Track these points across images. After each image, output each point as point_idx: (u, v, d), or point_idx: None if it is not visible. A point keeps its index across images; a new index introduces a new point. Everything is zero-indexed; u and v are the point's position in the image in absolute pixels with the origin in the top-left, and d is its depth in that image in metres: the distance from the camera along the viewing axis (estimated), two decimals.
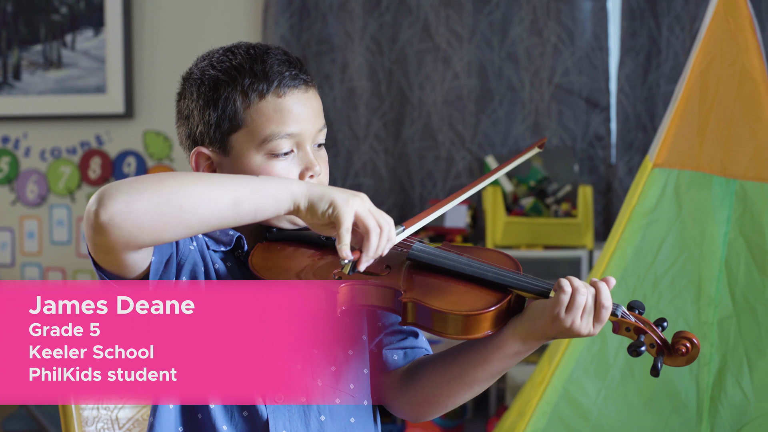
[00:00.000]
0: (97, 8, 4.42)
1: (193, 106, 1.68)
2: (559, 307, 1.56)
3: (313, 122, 1.68)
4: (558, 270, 3.96)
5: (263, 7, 4.33)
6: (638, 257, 2.71)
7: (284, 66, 1.67)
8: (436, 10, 4.24)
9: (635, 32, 4.10)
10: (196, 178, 1.50)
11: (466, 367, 1.66)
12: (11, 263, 4.57)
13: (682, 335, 1.60)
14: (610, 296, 1.57)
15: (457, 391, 1.69)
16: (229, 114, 1.65)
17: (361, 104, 4.29)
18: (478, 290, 1.62)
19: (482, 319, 1.58)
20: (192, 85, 1.69)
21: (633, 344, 1.59)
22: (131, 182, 1.46)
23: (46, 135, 4.54)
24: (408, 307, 1.59)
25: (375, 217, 1.55)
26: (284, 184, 1.53)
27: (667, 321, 1.62)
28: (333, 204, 1.51)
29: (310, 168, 1.67)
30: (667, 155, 2.74)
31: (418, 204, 4.31)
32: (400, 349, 1.75)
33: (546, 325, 1.57)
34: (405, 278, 1.63)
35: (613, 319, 1.60)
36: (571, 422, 2.67)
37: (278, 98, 1.65)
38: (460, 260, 1.65)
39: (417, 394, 1.71)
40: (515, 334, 1.60)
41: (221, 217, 1.49)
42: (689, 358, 1.60)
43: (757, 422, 2.59)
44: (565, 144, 4.19)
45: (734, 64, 2.71)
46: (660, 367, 1.59)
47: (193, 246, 1.66)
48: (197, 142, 1.69)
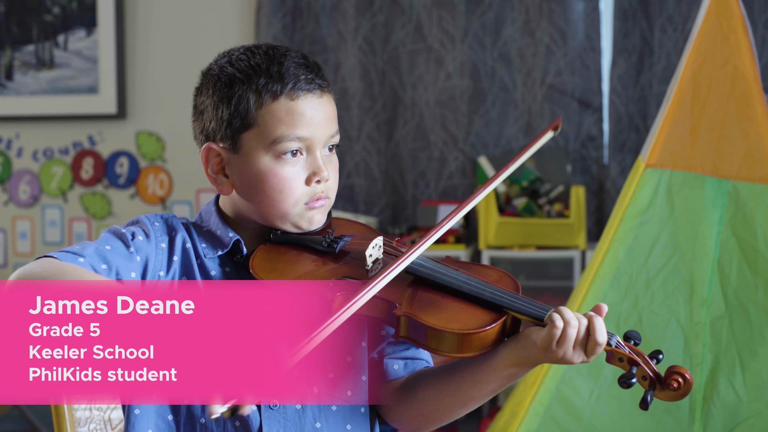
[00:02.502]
0: (89, 8, 4.42)
1: (208, 102, 1.68)
2: (551, 341, 1.54)
3: (324, 128, 1.67)
4: (551, 270, 3.97)
5: (256, 7, 4.33)
6: (631, 257, 2.71)
7: (301, 69, 1.66)
8: (428, 10, 4.25)
9: (628, 33, 4.10)
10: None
11: (461, 385, 1.65)
12: (4, 264, 4.56)
13: (675, 370, 1.57)
14: (604, 332, 1.55)
15: (452, 407, 1.68)
16: (242, 112, 1.64)
17: (354, 105, 4.29)
18: (473, 309, 1.60)
19: (475, 338, 1.57)
20: (209, 80, 1.69)
21: (624, 376, 1.56)
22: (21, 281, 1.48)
23: (38, 135, 4.53)
24: (401, 321, 1.58)
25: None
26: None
27: (663, 354, 1.60)
28: None
29: (318, 173, 1.66)
30: (660, 156, 2.75)
31: (410, 204, 4.32)
32: (401, 359, 1.74)
33: (538, 355, 1.56)
34: (403, 291, 1.62)
35: (607, 348, 1.57)
36: (563, 422, 2.68)
37: (291, 101, 1.64)
38: (458, 277, 1.64)
39: (413, 407, 1.70)
40: (509, 358, 1.59)
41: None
42: (681, 393, 1.58)
43: (750, 422, 2.59)
44: (557, 144, 4.19)
45: (726, 65, 2.71)
46: (650, 401, 1.56)
47: (163, 245, 1.67)
48: (209, 137, 1.69)
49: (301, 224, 1.69)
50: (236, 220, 1.73)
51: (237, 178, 1.68)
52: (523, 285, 3.96)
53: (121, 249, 1.60)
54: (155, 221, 1.69)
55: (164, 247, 1.66)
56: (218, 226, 1.71)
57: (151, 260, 1.63)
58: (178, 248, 1.68)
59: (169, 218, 1.72)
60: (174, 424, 1.64)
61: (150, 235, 1.65)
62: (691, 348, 2.64)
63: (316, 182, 1.67)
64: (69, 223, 4.52)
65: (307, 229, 1.70)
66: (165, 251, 1.66)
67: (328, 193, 1.70)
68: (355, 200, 4.33)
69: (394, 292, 1.60)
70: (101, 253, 1.57)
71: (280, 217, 1.68)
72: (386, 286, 1.57)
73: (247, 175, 1.67)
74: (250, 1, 4.38)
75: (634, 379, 1.56)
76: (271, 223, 1.69)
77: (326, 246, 1.69)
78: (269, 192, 1.66)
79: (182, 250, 1.68)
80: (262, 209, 1.68)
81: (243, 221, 1.72)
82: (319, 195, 1.68)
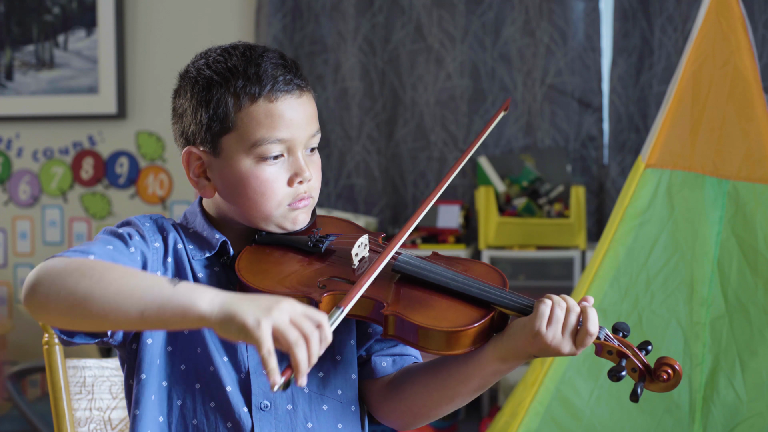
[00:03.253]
0: (89, 8, 4.42)
1: (187, 105, 1.67)
2: (540, 321, 1.54)
3: (305, 128, 1.66)
4: (551, 270, 3.97)
5: (256, 7, 4.33)
6: (631, 257, 2.71)
7: (279, 70, 1.64)
8: (428, 10, 4.24)
9: (628, 33, 4.10)
10: (109, 282, 1.43)
11: (448, 381, 1.65)
12: (4, 264, 4.56)
13: (665, 361, 1.57)
14: (597, 323, 1.55)
15: (438, 403, 1.68)
16: (221, 116, 1.63)
17: (354, 105, 4.29)
18: (461, 306, 1.60)
19: (463, 335, 1.56)
20: (187, 83, 1.68)
21: (614, 369, 1.55)
22: (54, 277, 1.45)
23: (38, 135, 4.53)
24: (389, 320, 1.57)
25: (298, 327, 1.36)
26: (195, 302, 1.38)
27: (652, 345, 1.59)
28: (244, 329, 1.35)
29: (300, 174, 1.65)
30: (660, 155, 2.74)
31: (410, 204, 4.32)
32: (389, 356, 1.74)
33: (527, 342, 1.56)
34: (390, 290, 1.61)
35: (596, 341, 1.57)
36: (563, 422, 2.67)
37: (270, 103, 1.63)
38: (445, 274, 1.63)
39: (401, 404, 1.70)
40: (496, 352, 1.59)
41: (129, 325, 1.45)
42: (671, 384, 1.57)
43: (750, 422, 2.59)
44: (557, 144, 4.19)
45: (726, 65, 2.71)
46: (640, 393, 1.56)
47: (157, 245, 1.66)
48: (189, 141, 1.68)
49: (285, 225, 1.68)
50: (221, 221, 1.72)
51: (219, 181, 1.67)
52: (523, 285, 3.98)
53: (122, 248, 1.60)
54: (145, 222, 1.69)
55: (158, 247, 1.66)
56: (204, 228, 1.70)
57: (149, 260, 1.63)
58: (170, 249, 1.67)
59: (158, 219, 1.71)
60: (166, 426, 1.64)
61: (144, 236, 1.65)
62: (691, 348, 2.64)
63: (299, 183, 1.66)
64: (69, 223, 4.52)
65: (292, 229, 1.69)
66: (160, 251, 1.66)
67: (311, 192, 1.69)
68: (355, 200, 4.33)
69: (381, 291, 1.60)
70: (107, 252, 1.56)
71: (264, 218, 1.67)
72: (373, 285, 1.56)
73: (228, 178, 1.66)
74: (250, 2, 4.38)
75: (623, 371, 1.56)
76: (254, 224, 1.68)
77: (312, 246, 1.68)
78: (251, 195, 1.65)
79: (174, 251, 1.68)
80: (245, 211, 1.67)
81: (227, 222, 1.71)
82: (302, 195, 1.67)
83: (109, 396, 1.91)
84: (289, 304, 1.37)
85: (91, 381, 1.91)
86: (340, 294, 1.57)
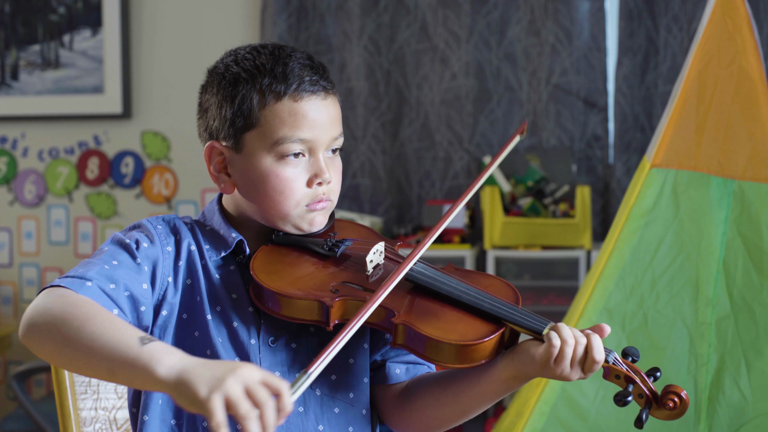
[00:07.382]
0: (94, 8, 4.42)
1: (213, 100, 1.68)
2: (548, 358, 1.54)
3: (328, 130, 1.66)
4: (556, 270, 3.96)
5: (261, 7, 4.33)
6: (636, 257, 2.71)
7: (305, 70, 1.65)
8: (434, 10, 4.24)
9: (633, 32, 4.10)
10: (86, 335, 1.42)
11: (459, 396, 1.65)
12: (9, 263, 4.56)
13: (672, 389, 1.57)
14: (602, 351, 1.56)
15: (450, 416, 1.68)
16: (245, 111, 1.64)
17: (359, 104, 4.29)
18: (472, 320, 1.60)
19: (471, 349, 1.56)
20: (214, 78, 1.69)
21: (620, 393, 1.55)
22: (45, 321, 1.46)
23: (43, 135, 4.53)
24: (399, 329, 1.57)
25: (253, 397, 1.29)
26: (155, 367, 1.34)
27: (661, 371, 1.59)
28: (195, 399, 1.29)
29: (320, 175, 1.66)
30: (665, 155, 2.74)
31: (415, 204, 4.31)
32: (403, 363, 1.74)
33: (536, 370, 1.57)
34: (402, 299, 1.61)
35: (605, 365, 1.57)
36: (569, 422, 2.67)
37: (294, 102, 1.63)
38: (458, 287, 1.63)
39: (412, 415, 1.70)
40: (507, 370, 1.59)
41: (102, 379, 1.45)
42: (676, 413, 1.57)
43: (755, 422, 2.59)
44: (562, 144, 4.19)
45: (732, 65, 2.71)
46: (645, 419, 1.55)
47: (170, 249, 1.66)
48: (212, 135, 1.69)
49: (302, 226, 1.69)
50: (239, 219, 1.72)
51: (239, 177, 1.68)
52: (529, 285, 3.97)
53: (127, 262, 1.60)
54: (157, 224, 1.69)
55: (170, 250, 1.66)
56: (221, 226, 1.70)
57: (159, 266, 1.63)
58: (183, 251, 1.67)
59: (171, 220, 1.71)
60: (176, 428, 1.64)
61: (154, 240, 1.65)
62: (697, 348, 2.64)
63: (318, 184, 1.67)
64: (74, 223, 4.52)
65: (308, 230, 1.69)
66: (171, 255, 1.66)
67: (330, 195, 1.69)
68: (360, 200, 4.33)
69: (393, 300, 1.59)
70: (107, 273, 1.56)
71: (281, 218, 1.67)
72: (392, 295, 1.57)
73: (249, 174, 1.66)
74: (256, 1, 4.38)
75: (630, 397, 1.56)
76: (272, 223, 1.69)
77: (327, 249, 1.69)
78: (270, 192, 1.65)
79: (187, 252, 1.68)
80: (264, 209, 1.67)
81: (245, 221, 1.72)
82: (321, 197, 1.68)
83: (115, 396, 1.91)
84: (248, 371, 1.30)
85: (97, 380, 1.91)
86: (351, 300, 1.57)
